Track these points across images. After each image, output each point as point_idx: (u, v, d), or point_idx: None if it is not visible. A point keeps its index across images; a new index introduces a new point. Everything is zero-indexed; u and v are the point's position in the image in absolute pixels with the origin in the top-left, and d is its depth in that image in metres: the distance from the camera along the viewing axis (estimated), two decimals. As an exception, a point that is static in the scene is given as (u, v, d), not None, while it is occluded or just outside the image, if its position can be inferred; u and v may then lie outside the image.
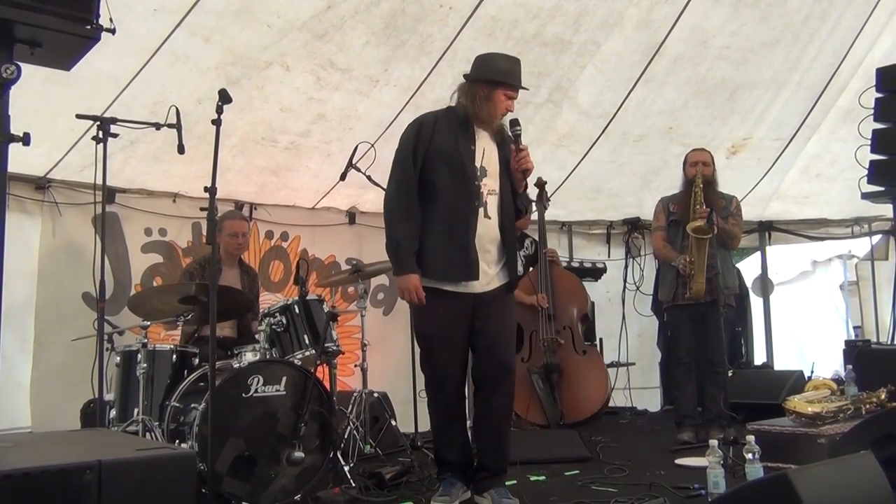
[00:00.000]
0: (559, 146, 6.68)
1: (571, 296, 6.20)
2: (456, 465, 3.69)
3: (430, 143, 3.61)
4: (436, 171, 3.60)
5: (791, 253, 9.32)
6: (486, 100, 3.61)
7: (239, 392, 3.68)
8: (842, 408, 4.21)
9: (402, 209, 3.58)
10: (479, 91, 3.62)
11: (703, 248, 4.97)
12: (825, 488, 2.39)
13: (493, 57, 3.73)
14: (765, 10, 5.88)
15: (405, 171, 3.62)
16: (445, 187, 3.59)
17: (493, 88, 3.61)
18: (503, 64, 3.67)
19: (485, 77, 3.63)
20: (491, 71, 3.64)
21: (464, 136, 3.65)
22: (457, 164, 3.60)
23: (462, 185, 3.59)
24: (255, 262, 6.02)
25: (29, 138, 2.58)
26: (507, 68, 3.66)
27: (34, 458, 2.25)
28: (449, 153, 3.61)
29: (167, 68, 4.77)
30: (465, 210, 3.58)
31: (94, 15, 2.60)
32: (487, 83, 3.62)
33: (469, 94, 3.65)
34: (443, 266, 3.55)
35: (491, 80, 3.62)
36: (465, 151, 3.63)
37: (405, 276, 3.52)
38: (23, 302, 5.05)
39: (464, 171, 3.60)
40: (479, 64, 3.70)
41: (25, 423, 4.92)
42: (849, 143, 5.91)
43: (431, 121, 3.68)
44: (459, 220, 3.58)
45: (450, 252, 3.56)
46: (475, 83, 3.65)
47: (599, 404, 5.96)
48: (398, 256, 3.55)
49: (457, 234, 3.57)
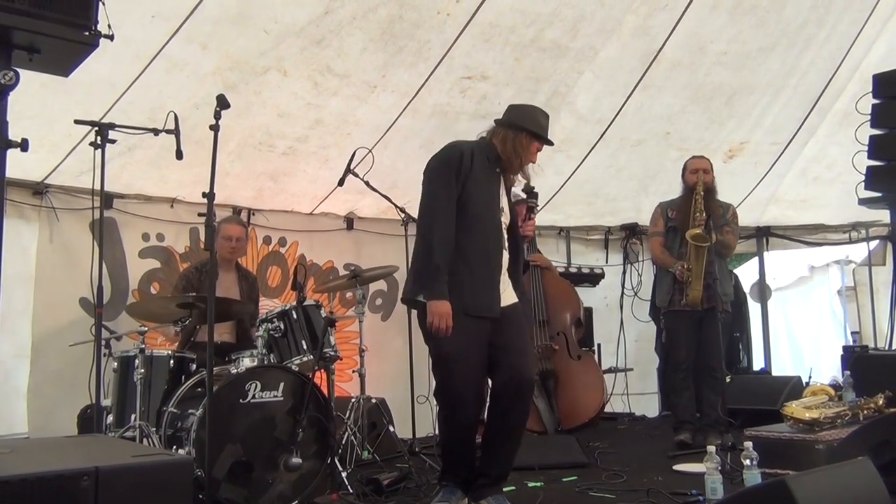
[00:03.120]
0: (557, 151, 6.66)
1: (564, 301, 6.20)
2: (461, 478, 3.67)
3: (470, 176, 3.61)
4: (470, 203, 3.59)
5: (789, 258, 9.32)
6: (525, 150, 3.73)
7: (237, 398, 3.67)
8: (839, 413, 4.21)
9: (444, 233, 3.51)
10: (522, 141, 3.72)
11: (702, 256, 4.98)
12: (823, 494, 2.39)
13: (533, 110, 3.84)
14: (762, 16, 5.89)
15: (450, 187, 3.57)
16: (478, 223, 3.61)
17: (532, 141, 3.74)
18: (543, 120, 3.81)
19: (529, 129, 3.73)
20: (535, 125, 3.76)
21: (494, 175, 3.74)
22: (488, 201, 3.67)
23: (490, 221, 3.66)
24: (253, 268, 6.01)
25: (27, 144, 2.59)
26: (545, 125, 3.81)
27: (31, 465, 2.25)
28: (483, 190, 3.65)
29: (165, 74, 4.77)
30: (495, 245, 3.66)
31: (92, 21, 2.61)
32: (530, 135, 3.73)
33: (514, 141, 3.72)
34: (469, 299, 3.53)
35: (535, 133, 3.75)
36: (494, 190, 3.73)
37: (440, 303, 3.44)
38: (20, 307, 5.05)
39: (493, 210, 3.68)
40: (519, 114, 3.80)
41: (22, 429, 4.91)
42: (846, 146, 5.91)
43: (469, 150, 3.67)
44: (490, 256, 3.63)
45: (477, 286, 3.57)
46: (520, 132, 3.73)
47: (596, 409, 5.94)
48: (436, 279, 3.47)
49: (487, 270, 3.61)
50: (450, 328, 3.44)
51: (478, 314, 3.55)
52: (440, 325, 3.43)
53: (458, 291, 3.51)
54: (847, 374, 4.89)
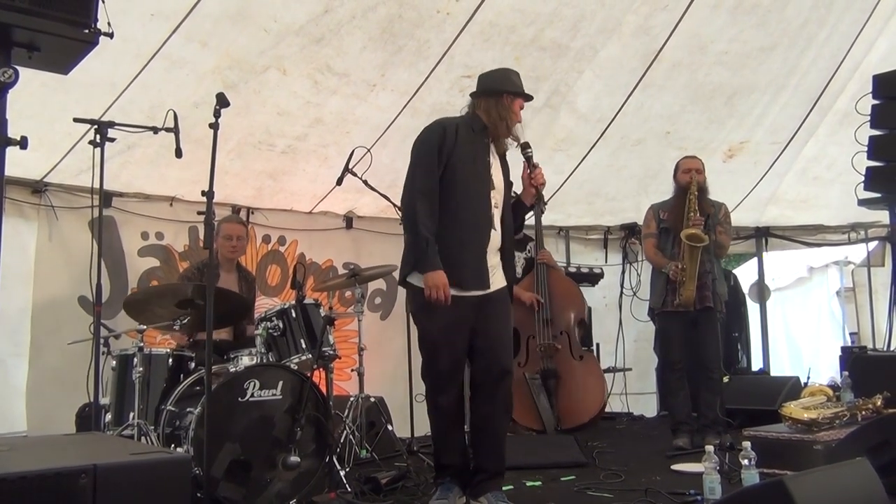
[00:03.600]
0: (557, 150, 6.69)
1: (568, 301, 6.20)
2: (455, 470, 3.68)
3: (454, 151, 3.63)
4: (456, 179, 3.62)
5: (788, 259, 9.33)
6: (509, 111, 3.74)
7: (235, 396, 3.67)
8: (838, 414, 4.21)
9: (428, 208, 3.56)
10: (503, 102, 3.73)
11: (696, 256, 4.98)
12: (821, 494, 2.40)
13: (504, 72, 3.88)
14: (762, 16, 5.89)
15: (430, 169, 3.61)
16: (463, 196, 3.62)
17: (514, 99, 3.76)
18: (515, 78, 3.84)
19: (506, 89, 3.75)
20: (511, 84, 3.79)
21: (481, 147, 3.74)
22: (475, 174, 3.68)
23: (478, 196, 3.66)
24: (253, 266, 6.01)
25: (26, 142, 2.59)
26: (519, 82, 3.83)
27: (30, 462, 2.25)
28: (469, 163, 3.66)
29: (164, 73, 4.77)
30: (481, 222, 3.65)
31: (92, 19, 2.61)
32: (511, 94, 3.75)
33: (497, 107, 3.74)
34: (456, 273, 3.55)
35: (513, 91, 3.76)
36: (482, 163, 3.72)
37: (435, 273, 3.48)
38: (19, 306, 5.05)
39: (481, 183, 3.68)
40: (493, 78, 3.83)
41: (21, 427, 4.92)
42: (845, 146, 5.92)
43: (453, 127, 3.70)
44: (475, 231, 3.63)
45: (464, 261, 3.59)
46: (499, 96, 3.74)
47: (596, 410, 5.95)
48: (426, 253, 3.51)
49: (472, 245, 3.62)
50: (448, 297, 3.48)
51: (466, 289, 3.57)
52: (438, 295, 3.47)
53: (446, 267, 3.53)
54: (845, 374, 4.90)
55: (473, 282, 3.61)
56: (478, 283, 3.62)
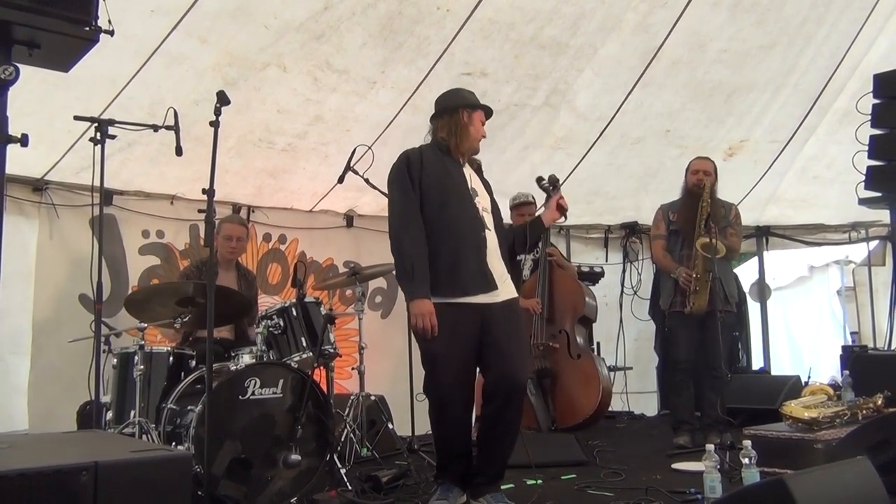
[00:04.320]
0: (556, 149, 6.68)
1: (569, 300, 6.16)
2: (457, 475, 3.66)
3: (423, 174, 3.64)
4: (435, 198, 3.62)
5: (788, 258, 9.32)
6: (469, 125, 3.75)
7: (236, 394, 3.67)
8: (838, 413, 4.21)
9: (412, 234, 3.55)
10: (461, 118, 3.75)
11: (710, 266, 4.95)
12: (821, 493, 2.40)
13: (455, 91, 3.92)
14: (762, 14, 5.89)
15: (406, 194, 3.61)
16: (447, 209, 3.61)
17: (472, 113, 3.77)
18: (467, 94, 3.88)
19: (462, 104, 3.79)
20: (464, 99, 3.83)
21: (452, 163, 3.76)
22: (453, 187, 3.68)
23: (462, 203, 3.66)
24: (253, 265, 6.02)
25: (27, 139, 2.59)
26: (472, 97, 3.87)
27: (30, 459, 2.25)
28: (443, 179, 3.67)
29: (164, 70, 4.77)
30: (472, 223, 3.64)
31: (92, 17, 2.61)
32: (467, 108, 3.77)
33: (451, 125, 3.75)
34: (458, 278, 3.53)
35: (470, 104, 3.79)
36: (457, 176, 3.73)
37: (420, 301, 3.46)
38: (20, 304, 5.05)
39: (462, 192, 3.69)
40: (447, 99, 3.87)
41: (23, 426, 4.92)
42: (845, 145, 5.92)
43: (417, 154, 3.72)
44: (469, 233, 3.61)
45: (463, 265, 3.57)
46: (455, 112, 3.76)
47: (591, 410, 5.87)
48: (412, 279, 3.49)
49: (468, 248, 3.59)
50: (435, 327, 3.45)
51: (469, 294, 3.54)
52: (424, 324, 3.45)
53: (445, 275, 3.53)
54: (846, 373, 4.90)
55: (476, 285, 3.56)
56: (482, 286, 3.57)
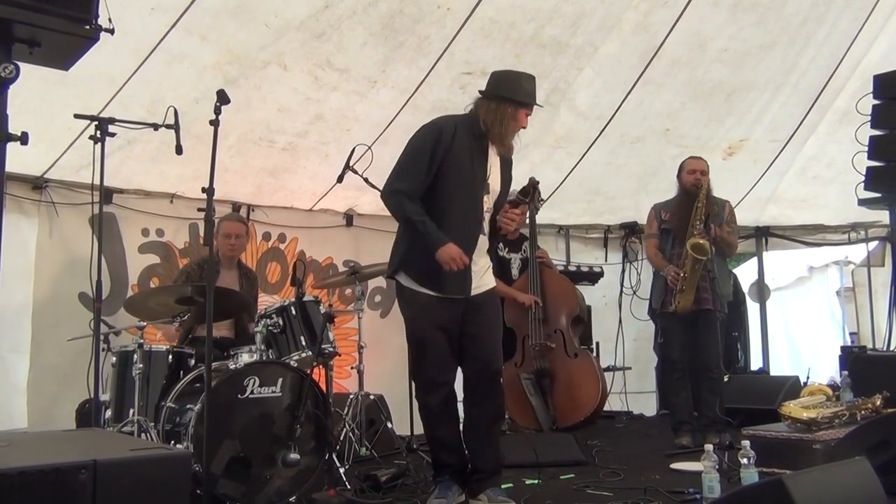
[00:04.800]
0: (557, 148, 6.68)
1: (562, 300, 6.17)
2: (454, 469, 3.69)
3: (449, 153, 3.57)
4: (449, 181, 3.58)
5: (788, 258, 9.31)
6: (513, 119, 3.62)
7: (235, 393, 3.67)
8: (837, 414, 4.21)
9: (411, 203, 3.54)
10: (507, 110, 3.61)
11: (699, 268, 4.96)
12: (820, 493, 2.40)
13: (516, 76, 3.71)
14: (762, 13, 5.89)
15: (418, 165, 3.56)
16: (456, 202, 3.59)
17: (518, 108, 3.63)
18: (527, 84, 3.68)
19: (513, 97, 3.62)
20: (519, 92, 3.63)
21: (479, 151, 3.66)
22: (470, 177, 3.62)
23: (470, 203, 3.63)
24: (253, 264, 6.01)
25: (27, 137, 2.59)
26: (530, 89, 3.68)
27: (29, 458, 2.25)
28: (464, 168, 3.60)
29: (164, 67, 4.76)
30: (471, 225, 3.63)
31: (93, 15, 2.61)
32: (514, 103, 3.62)
33: (496, 113, 3.61)
34: (439, 276, 3.54)
35: (520, 101, 3.62)
36: (479, 165, 3.65)
37: (445, 247, 3.44)
38: (19, 302, 5.05)
39: (475, 187, 3.64)
40: (502, 82, 3.68)
41: (22, 424, 4.92)
42: (845, 145, 5.92)
43: (451, 128, 3.61)
44: (464, 236, 3.59)
45: None
46: (502, 102, 3.61)
47: (591, 408, 5.90)
48: (428, 232, 3.48)
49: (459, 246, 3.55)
50: (464, 259, 3.46)
51: (447, 295, 3.58)
52: (458, 264, 3.45)
53: (429, 267, 3.53)
54: (845, 374, 4.90)
55: (453, 287, 3.58)
56: (458, 289, 3.60)
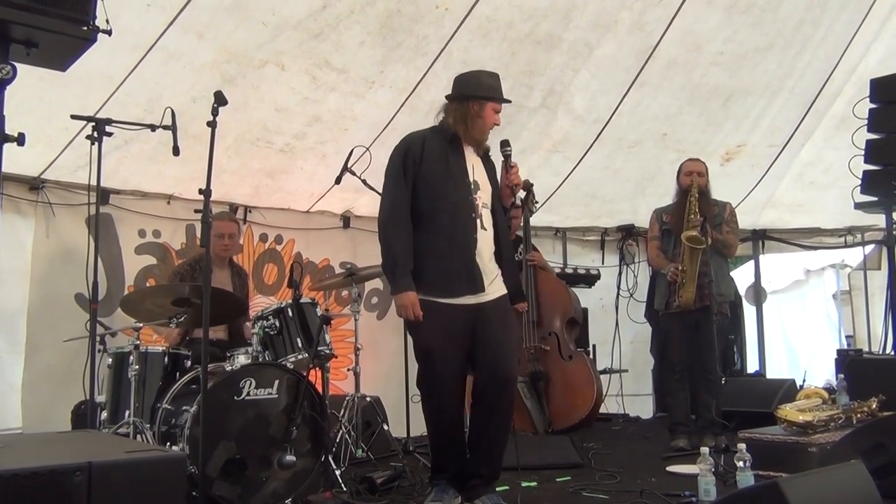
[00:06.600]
0: (554, 152, 6.69)
1: (556, 302, 6.17)
2: (452, 474, 3.67)
3: (421, 164, 3.64)
4: (431, 191, 3.62)
5: (784, 262, 9.34)
6: (478, 116, 3.69)
7: (231, 395, 3.67)
8: (833, 417, 4.22)
9: (397, 227, 3.59)
10: (471, 108, 3.69)
11: (696, 258, 4.98)
12: (815, 497, 2.40)
13: (476, 74, 3.82)
14: (758, 15, 5.90)
15: (398, 187, 3.64)
16: (442, 205, 3.62)
17: (484, 104, 3.70)
18: (487, 80, 3.77)
19: (475, 94, 3.70)
20: (480, 87, 3.73)
21: (454, 154, 3.71)
22: (450, 181, 3.65)
23: (458, 200, 3.64)
24: (249, 265, 6.01)
25: (24, 139, 2.58)
26: (492, 84, 3.76)
27: (24, 459, 2.24)
28: (441, 172, 3.65)
29: (161, 66, 4.74)
30: (464, 223, 3.62)
31: (90, 16, 2.61)
32: (479, 99, 3.69)
33: (460, 113, 3.70)
34: (446, 280, 3.56)
35: (482, 96, 3.69)
36: (457, 169, 3.69)
37: (403, 294, 3.52)
38: (15, 303, 5.04)
39: (459, 188, 3.66)
40: (463, 83, 3.78)
41: (17, 425, 4.90)
42: (842, 150, 5.93)
43: (419, 141, 3.70)
44: (460, 234, 3.60)
45: (453, 266, 3.58)
46: (465, 101, 3.70)
47: (587, 410, 5.91)
48: (394, 273, 3.56)
49: (458, 248, 3.60)
50: (419, 316, 3.51)
51: (456, 296, 3.57)
52: (408, 314, 3.52)
53: (433, 274, 3.55)
54: (841, 377, 4.91)
55: (463, 287, 3.58)
56: (469, 288, 3.59)
